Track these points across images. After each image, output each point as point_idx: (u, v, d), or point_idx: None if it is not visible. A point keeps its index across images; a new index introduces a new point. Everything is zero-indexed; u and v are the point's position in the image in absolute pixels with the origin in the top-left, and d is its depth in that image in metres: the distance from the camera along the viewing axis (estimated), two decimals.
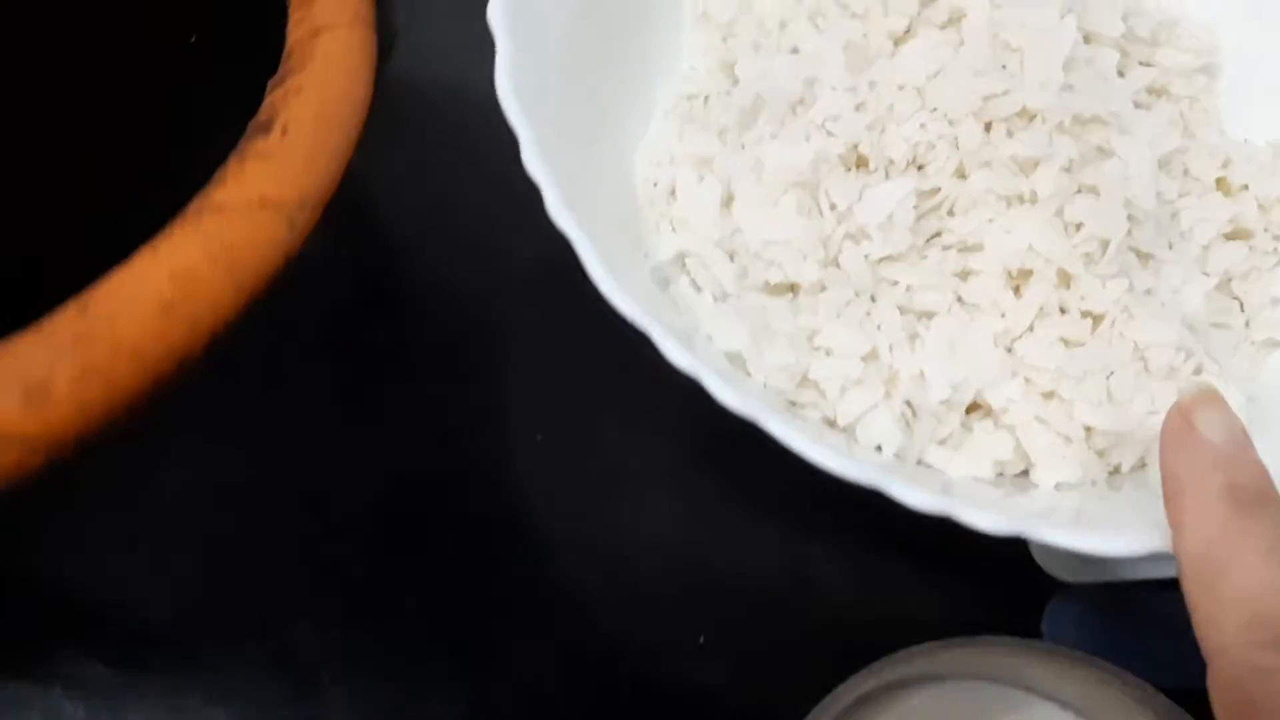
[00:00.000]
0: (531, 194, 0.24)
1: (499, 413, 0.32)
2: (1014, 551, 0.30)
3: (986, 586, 0.30)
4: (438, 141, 0.37)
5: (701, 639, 0.29)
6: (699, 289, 0.30)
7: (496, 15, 0.26)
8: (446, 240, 0.34)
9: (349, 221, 0.35)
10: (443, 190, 0.36)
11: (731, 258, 0.29)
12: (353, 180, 0.36)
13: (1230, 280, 0.31)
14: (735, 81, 0.32)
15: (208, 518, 0.29)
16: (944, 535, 0.24)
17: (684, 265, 0.30)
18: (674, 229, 0.30)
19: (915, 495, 0.22)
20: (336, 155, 0.21)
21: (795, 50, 0.33)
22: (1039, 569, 0.29)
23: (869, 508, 0.23)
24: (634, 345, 0.23)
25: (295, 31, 0.23)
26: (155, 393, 0.18)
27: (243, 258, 0.19)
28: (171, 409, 0.28)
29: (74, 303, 0.17)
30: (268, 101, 0.21)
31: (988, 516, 0.22)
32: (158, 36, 0.29)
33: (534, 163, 0.24)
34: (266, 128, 0.20)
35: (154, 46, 0.30)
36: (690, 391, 0.23)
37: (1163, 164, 0.31)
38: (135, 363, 0.17)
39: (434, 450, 0.31)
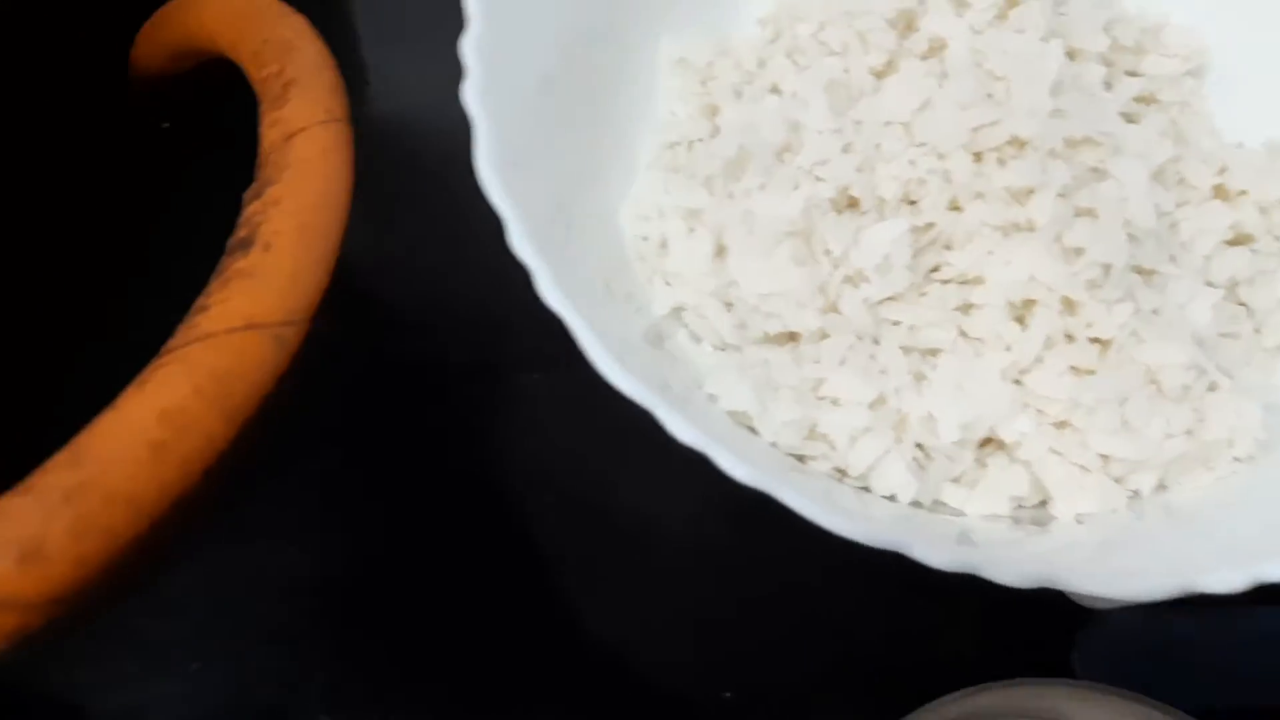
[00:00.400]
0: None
1: (507, 483, 0.32)
2: None
3: (1015, 618, 0.29)
4: (417, 202, 0.36)
5: (727, 694, 0.29)
6: (698, 340, 0.30)
7: (473, 96, 0.25)
8: (431, 303, 0.34)
9: (335, 297, 0.35)
10: (422, 251, 0.35)
11: (729, 308, 0.29)
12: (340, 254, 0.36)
13: (1236, 287, 0.31)
14: (717, 128, 0.32)
15: (219, 616, 0.29)
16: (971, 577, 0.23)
17: (680, 318, 0.30)
18: (667, 283, 0.30)
19: (938, 555, 0.22)
20: (321, 263, 0.21)
21: (775, 89, 0.32)
22: (1066, 596, 0.29)
23: (887, 550, 0.23)
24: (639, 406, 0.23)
25: (268, 135, 0.23)
26: (152, 537, 0.17)
27: (233, 386, 0.18)
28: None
29: (64, 454, 0.17)
30: (246, 215, 0.21)
31: (1013, 572, 0.22)
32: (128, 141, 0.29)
33: (523, 246, 0.24)
34: (247, 244, 0.20)
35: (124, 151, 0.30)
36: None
37: (1158, 175, 0.31)
38: (130, 510, 0.17)
39: (446, 529, 0.31)
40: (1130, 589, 0.22)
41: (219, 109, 0.34)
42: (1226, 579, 0.22)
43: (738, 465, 0.22)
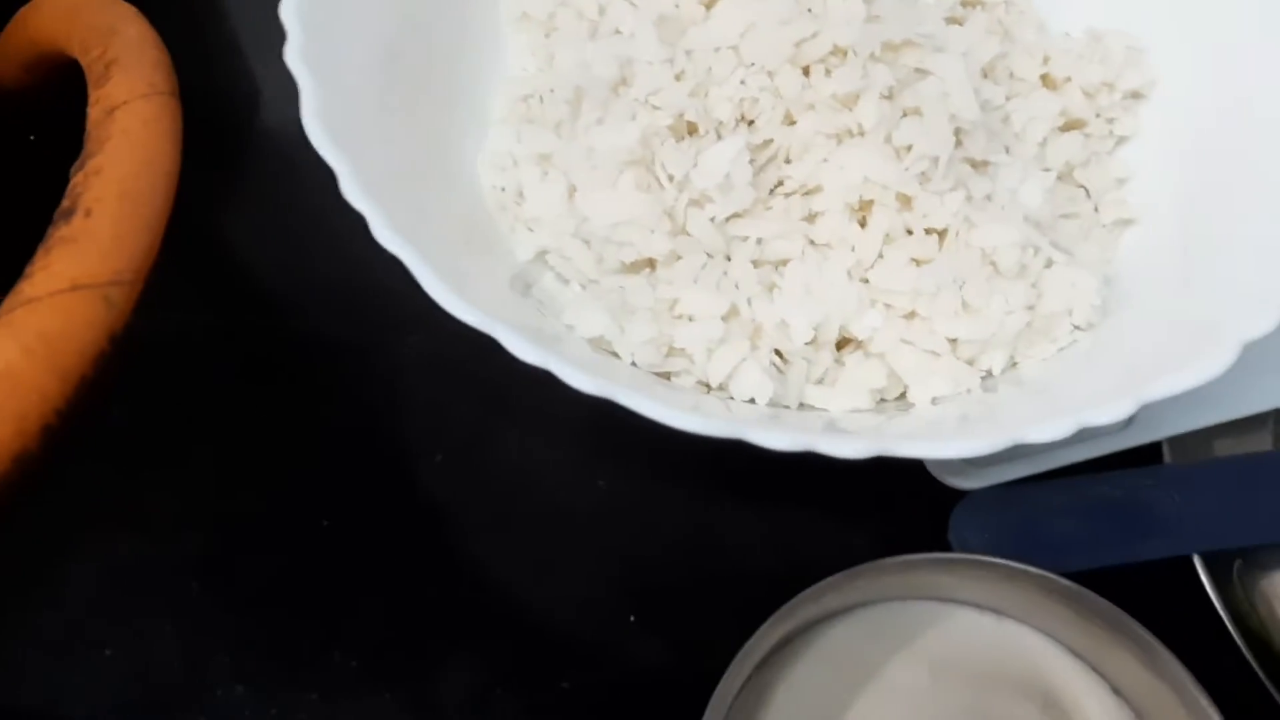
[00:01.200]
0: None
1: (398, 443, 0.32)
2: (915, 469, 0.30)
3: (895, 508, 0.31)
4: (305, 188, 0.37)
5: (632, 618, 0.30)
6: (565, 281, 0.31)
7: (294, 56, 0.26)
8: (317, 284, 0.35)
9: (216, 284, 0.35)
10: (310, 235, 0.36)
11: (588, 245, 0.30)
12: (215, 242, 0.36)
13: (1073, 170, 0.32)
14: (559, 75, 0.32)
15: (120, 603, 0.30)
16: (847, 471, 0.24)
17: (545, 261, 0.31)
18: (529, 229, 0.31)
19: (775, 438, 0.23)
20: (148, 227, 0.21)
21: (619, 33, 0.33)
22: (937, 481, 0.30)
23: (765, 459, 0.24)
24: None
25: (93, 112, 0.23)
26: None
27: (62, 346, 0.19)
28: (65, 502, 0.29)
29: None
30: (70, 186, 0.22)
31: (846, 444, 0.23)
32: None
33: (353, 193, 0.24)
34: (69, 214, 0.21)
35: None
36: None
37: (987, 72, 0.32)
38: None
39: (340, 498, 0.31)
40: (962, 448, 0.23)
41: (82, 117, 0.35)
42: (1051, 428, 0.23)
43: (579, 377, 0.23)
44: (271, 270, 0.36)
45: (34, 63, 0.32)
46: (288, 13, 0.26)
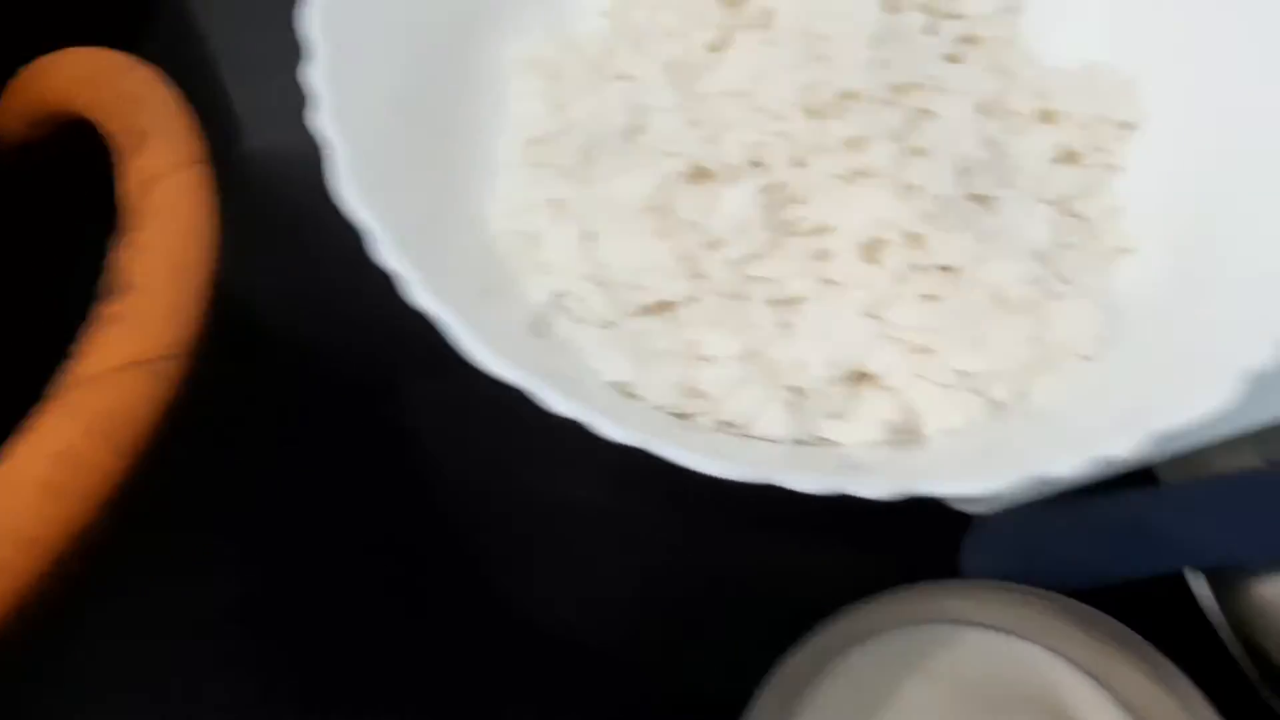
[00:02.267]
0: None
1: (425, 490, 0.33)
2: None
3: (905, 530, 0.31)
4: (298, 230, 0.37)
5: (653, 647, 0.31)
6: (581, 323, 0.31)
7: (327, 120, 0.26)
8: (326, 326, 0.35)
9: (226, 336, 0.36)
10: (311, 277, 0.37)
11: (603, 288, 0.31)
12: (220, 293, 0.37)
13: (1071, 201, 0.33)
14: (570, 120, 0.33)
15: (161, 650, 0.30)
16: (856, 501, 0.25)
17: (560, 304, 0.31)
18: (543, 273, 0.31)
19: (805, 481, 0.23)
20: (196, 299, 0.22)
21: (624, 76, 0.34)
22: (948, 507, 0.31)
23: (779, 491, 0.24)
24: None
25: (128, 184, 0.24)
26: (61, 574, 0.18)
27: (120, 423, 0.20)
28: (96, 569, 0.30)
29: None
30: (112, 260, 0.22)
31: (877, 485, 0.23)
32: None
33: (388, 254, 0.25)
34: (117, 289, 0.21)
35: None
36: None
37: (986, 109, 0.33)
38: (32, 550, 0.18)
39: (372, 546, 0.32)
40: (986, 485, 0.24)
41: (85, 172, 0.35)
42: (1069, 463, 0.24)
43: (614, 428, 0.24)
44: (286, 316, 0.36)
45: (41, 120, 0.32)
46: (317, 76, 0.27)
